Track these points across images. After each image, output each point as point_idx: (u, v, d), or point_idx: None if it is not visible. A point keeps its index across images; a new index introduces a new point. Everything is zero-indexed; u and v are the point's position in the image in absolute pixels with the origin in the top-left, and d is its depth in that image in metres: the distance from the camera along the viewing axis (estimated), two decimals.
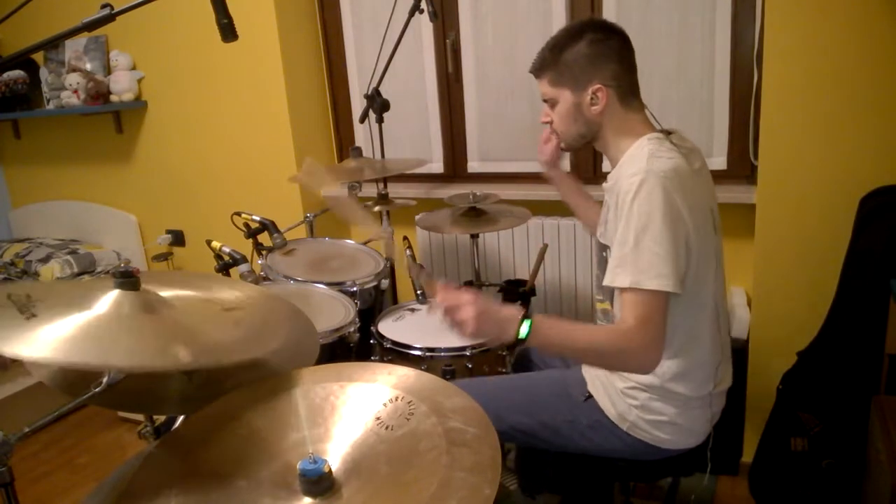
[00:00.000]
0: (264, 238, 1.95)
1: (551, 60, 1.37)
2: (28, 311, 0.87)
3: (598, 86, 1.33)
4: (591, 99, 1.34)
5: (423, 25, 2.59)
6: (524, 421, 1.45)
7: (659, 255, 1.19)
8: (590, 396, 1.45)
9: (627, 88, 1.36)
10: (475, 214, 2.20)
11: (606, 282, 1.26)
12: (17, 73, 3.18)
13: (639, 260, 1.20)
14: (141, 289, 0.98)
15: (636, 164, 1.26)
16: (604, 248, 1.39)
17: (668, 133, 1.36)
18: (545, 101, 1.43)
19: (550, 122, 1.44)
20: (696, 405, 1.38)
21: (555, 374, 1.59)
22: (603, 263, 1.40)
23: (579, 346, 1.23)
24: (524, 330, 1.19)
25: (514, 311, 1.21)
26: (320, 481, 0.80)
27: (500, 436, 1.54)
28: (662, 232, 1.19)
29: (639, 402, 1.37)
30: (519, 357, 1.83)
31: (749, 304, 2.14)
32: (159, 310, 0.97)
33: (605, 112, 1.35)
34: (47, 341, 0.83)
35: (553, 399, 1.47)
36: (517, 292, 2.15)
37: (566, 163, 2.55)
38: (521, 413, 1.46)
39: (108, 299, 0.95)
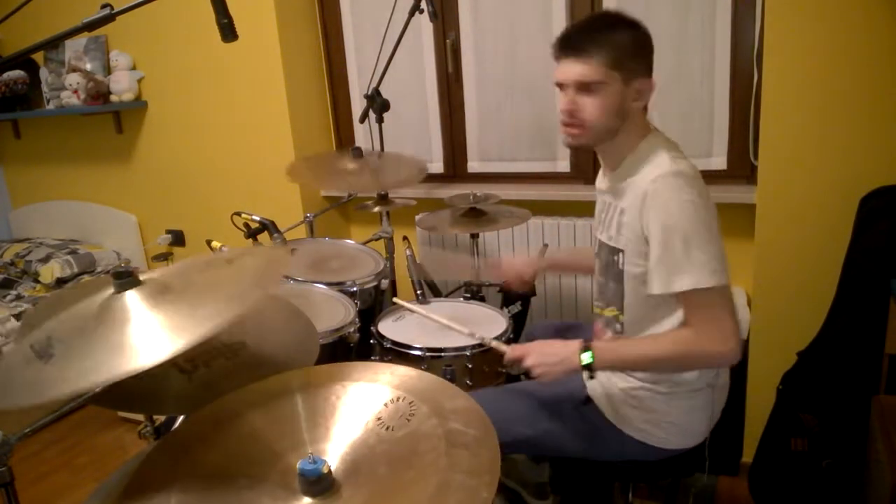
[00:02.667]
0: (264, 238, 1.95)
1: (604, 40, 1.22)
2: (47, 355, 0.86)
3: (648, 79, 1.28)
4: (638, 90, 1.27)
5: (423, 25, 2.59)
6: (526, 432, 1.44)
7: (710, 253, 1.19)
8: (588, 400, 1.44)
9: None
10: (475, 214, 2.20)
11: (659, 290, 1.23)
12: (17, 73, 3.18)
13: (693, 262, 1.19)
14: (143, 282, 0.97)
15: (660, 166, 1.24)
16: (615, 251, 1.34)
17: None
18: (584, 83, 1.24)
19: (572, 110, 1.27)
20: (696, 404, 1.37)
21: (552, 381, 1.58)
22: (612, 268, 1.36)
23: (650, 358, 1.28)
24: (586, 358, 1.26)
25: (573, 344, 1.29)
26: (319, 481, 0.80)
27: (505, 448, 1.54)
28: (706, 229, 1.20)
29: (640, 403, 1.37)
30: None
31: (749, 304, 2.14)
32: (168, 293, 0.95)
33: (637, 107, 1.29)
34: (64, 376, 0.81)
35: (552, 406, 1.47)
36: (517, 293, 2.15)
37: (566, 162, 2.55)
38: (522, 424, 1.45)
39: (118, 307, 0.92)
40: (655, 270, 1.24)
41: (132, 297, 0.93)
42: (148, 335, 0.87)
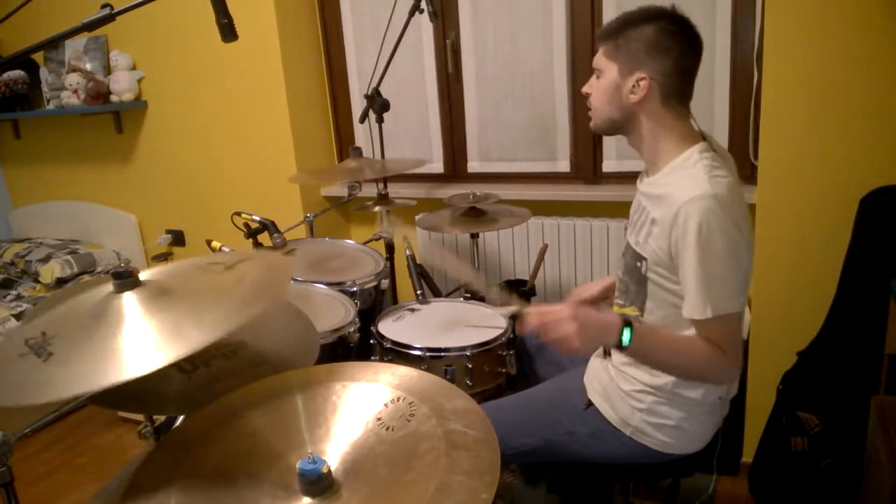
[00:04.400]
0: (264, 238, 1.94)
1: (616, 31, 1.31)
2: (44, 352, 0.86)
3: (644, 75, 1.28)
4: (633, 86, 1.29)
5: (423, 25, 2.59)
6: (527, 442, 1.44)
7: (734, 282, 1.21)
8: (590, 404, 1.43)
9: (674, 90, 1.30)
10: (475, 214, 2.20)
11: (689, 314, 1.23)
12: (17, 73, 3.18)
13: (714, 289, 1.20)
14: (142, 283, 0.97)
15: (697, 185, 1.21)
16: (639, 257, 1.33)
17: (704, 138, 1.33)
18: (595, 68, 1.37)
19: (587, 92, 1.39)
20: (702, 411, 1.37)
21: (552, 385, 1.57)
22: (635, 273, 1.35)
23: (677, 359, 1.27)
24: (626, 338, 1.21)
25: (613, 317, 1.24)
26: (319, 481, 0.80)
27: (506, 459, 1.51)
28: (735, 258, 1.20)
29: (644, 406, 1.36)
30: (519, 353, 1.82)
31: (749, 304, 2.14)
32: (167, 295, 0.96)
33: (643, 105, 1.30)
34: (64, 378, 0.81)
35: (553, 412, 1.46)
36: (517, 292, 2.15)
37: (566, 162, 2.55)
38: (523, 434, 1.44)
39: (117, 306, 0.93)
40: (688, 296, 1.23)
41: (129, 300, 0.93)
42: (141, 342, 0.86)
